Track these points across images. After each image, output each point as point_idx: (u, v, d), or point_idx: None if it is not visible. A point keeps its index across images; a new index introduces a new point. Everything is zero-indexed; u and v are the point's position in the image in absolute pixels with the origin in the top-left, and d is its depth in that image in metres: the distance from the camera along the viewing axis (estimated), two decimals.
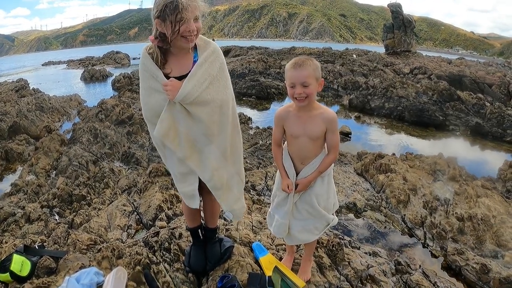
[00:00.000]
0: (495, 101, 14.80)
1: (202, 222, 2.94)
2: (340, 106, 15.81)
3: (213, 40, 2.73)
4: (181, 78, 2.18)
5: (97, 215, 4.50)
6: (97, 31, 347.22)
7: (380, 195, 5.54)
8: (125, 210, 4.51)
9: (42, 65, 51.18)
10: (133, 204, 4.71)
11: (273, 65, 24.45)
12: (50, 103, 14.41)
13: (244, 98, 17.09)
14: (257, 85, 17.92)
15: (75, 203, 5.31)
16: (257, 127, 10.69)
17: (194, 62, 2.24)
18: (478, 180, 6.03)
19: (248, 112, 13.98)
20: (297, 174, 2.49)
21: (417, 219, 4.84)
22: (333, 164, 2.51)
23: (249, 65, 23.28)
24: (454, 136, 11.90)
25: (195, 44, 2.25)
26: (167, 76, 2.19)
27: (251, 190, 5.31)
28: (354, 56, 32.20)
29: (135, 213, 4.49)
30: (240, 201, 2.65)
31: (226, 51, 38.07)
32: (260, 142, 9.16)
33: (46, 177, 7.65)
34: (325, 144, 2.42)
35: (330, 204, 2.59)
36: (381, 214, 5.07)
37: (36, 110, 13.19)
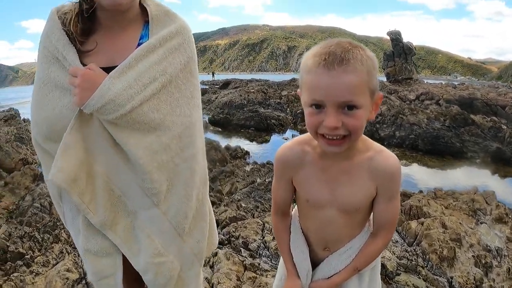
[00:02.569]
0: (510, 123, 14.46)
1: None
2: None
3: (214, 74, 1.54)
4: (111, 71, 1.23)
5: (32, 283, 3.40)
6: None
7: (415, 249, 4.34)
8: (68, 278, 3.33)
9: None
10: (83, 269, 3.50)
11: (273, 95, 23.75)
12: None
13: (242, 130, 16.46)
14: (256, 116, 17.26)
15: (9, 262, 4.16)
16: (255, 162, 9.74)
17: (140, 45, 1.31)
18: None
19: (246, 145, 13.16)
20: (314, 268, 1.41)
21: (469, 282, 3.69)
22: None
23: (248, 95, 22.68)
24: (475, 164, 11.20)
25: (147, 12, 1.36)
26: (84, 65, 1.24)
27: (242, 250, 4.05)
28: None
29: (83, 282, 3.32)
30: None
31: (226, 83, 37.96)
32: (258, 180, 8.03)
33: (7, 219, 6.56)
34: (370, 217, 1.38)
35: None
36: (419, 278, 3.87)
37: (15, 141, 12.19)
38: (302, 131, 13.60)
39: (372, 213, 1.34)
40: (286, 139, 14.23)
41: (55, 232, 5.07)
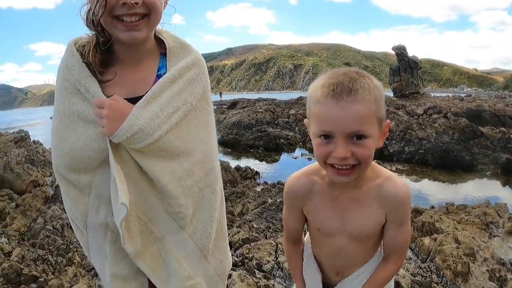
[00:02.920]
0: None
1: None
2: None
3: (221, 94, 1.60)
4: (132, 103, 1.27)
5: None
6: None
7: (429, 266, 4.31)
8: None
9: (51, 118, 52.80)
10: None
11: (281, 114, 23.64)
12: (43, 156, 13.56)
13: (251, 150, 16.34)
14: (264, 136, 17.18)
15: (23, 285, 4.11)
16: (265, 183, 9.64)
17: (158, 77, 1.35)
18: None
19: (256, 165, 13.06)
20: None
21: None
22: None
23: (256, 115, 22.64)
24: (485, 176, 11.11)
25: (165, 46, 1.40)
26: (106, 96, 1.27)
27: (256, 271, 4.06)
28: None
29: None
30: None
31: (234, 103, 37.93)
32: (269, 200, 7.98)
33: (19, 241, 6.48)
34: (381, 243, 1.38)
35: None
36: None
37: (25, 162, 12.19)
38: (311, 149, 13.51)
39: (382, 240, 1.35)
40: (295, 158, 14.15)
41: (69, 255, 5.06)
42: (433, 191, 9.81)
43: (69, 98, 1.30)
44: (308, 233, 1.49)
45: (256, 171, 11.31)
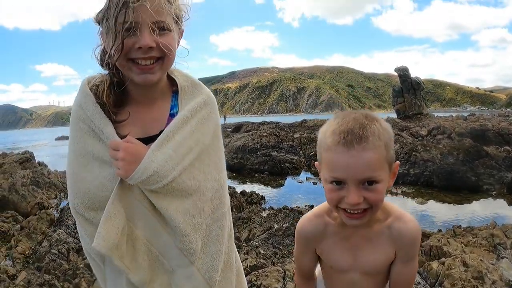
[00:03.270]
0: None
1: None
2: None
3: (225, 117, 1.66)
4: (146, 142, 1.32)
5: None
6: None
7: None
8: None
9: (56, 139, 52.55)
10: None
11: (286, 138, 23.67)
12: (48, 178, 13.41)
13: (256, 175, 16.23)
14: (269, 160, 17.09)
15: None
16: (271, 208, 9.54)
17: (171, 116, 1.40)
18: None
19: (261, 190, 12.95)
20: None
21: None
22: None
23: (261, 139, 22.64)
24: (491, 196, 11.00)
25: (176, 84, 1.44)
26: (120, 136, 1.30)
27: None
28: None
29: None
30: None
31: (238, 127, 37.94)
32: (276, 226, 7.92)
33: (24, 264, 6.44)
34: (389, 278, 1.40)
35: None
36: None
37: (30, 184, 12.06)
38: (316, 173, 13.42)
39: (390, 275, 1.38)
40: (300, 182, 14.08)
41: (75, 281, 5.04)
42: (439, 213, 9.71)
43: (84, 138, 1.33)
44: (319, 267, 1.52)
45: (262, 196, 11.23)
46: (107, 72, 1.38)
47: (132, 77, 1.30)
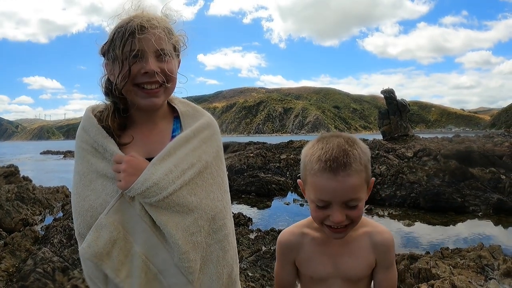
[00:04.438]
0: (508, 172, 14.29)
1: None
2: None
3: None
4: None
5: None
6: None
7: None
8: None
9: (41, 153, 52.46)
10: None
11: (272, 159, 23.71)
12: (33, 194, 13.14)
13: (243, 196, 16.17)
14: (256, 181, 17.07)
15: None
16: (259, 230, 9.51)
17: (173, 138, 1.44)
18: None
19: (248, 211, 12.91)
20: None
21: None
22: None
23: (248, 160, 22.72)
24: (477, 217, 11.16)
25: (177, 110, 1.51)
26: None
27: None
28: None
29: None
30: None
31: (225, 147, 37.79)
32: (264, 248, 7.89)
33: (7, 282, 6.27)
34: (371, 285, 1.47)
35: None
36: None
37: (15, 200, 11.84)
38: (302, 195, 13.42)
39: (372, 282, 1.44)
40: (287, 204, 14.05)
41: None
42: (426, 234, 9.79)
43: (88, 158, 1.38)
44: (299, 285, 1.54)
45: (249, 218, 11.17)
46: (110, 101, 1.44)
47: (137, 102, 1.37)
